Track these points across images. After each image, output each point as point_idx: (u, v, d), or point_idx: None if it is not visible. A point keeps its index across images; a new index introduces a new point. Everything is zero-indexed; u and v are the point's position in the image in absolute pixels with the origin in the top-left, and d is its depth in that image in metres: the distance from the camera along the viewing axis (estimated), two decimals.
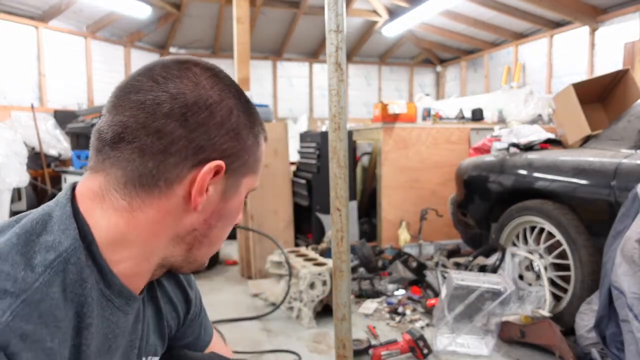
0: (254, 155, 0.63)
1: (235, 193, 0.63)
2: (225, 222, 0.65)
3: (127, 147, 0.56)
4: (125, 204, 0.57)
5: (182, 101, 0.56)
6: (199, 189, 0.58)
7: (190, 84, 0.58)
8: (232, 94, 0.61)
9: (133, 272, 0.59)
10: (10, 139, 3.58)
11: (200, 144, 0.57)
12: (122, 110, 0.56)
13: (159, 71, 0.58)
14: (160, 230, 0.59)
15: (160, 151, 0.56)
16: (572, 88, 2.62)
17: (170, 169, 0.56)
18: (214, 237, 0.65)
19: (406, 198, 3.71)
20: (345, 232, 1.49)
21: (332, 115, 1.45)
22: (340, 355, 1.56)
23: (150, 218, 0.57)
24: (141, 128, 0.55)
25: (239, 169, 0.62)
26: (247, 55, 3.60)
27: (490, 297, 2.05)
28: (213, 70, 0.62)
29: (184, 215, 0.60)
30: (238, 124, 0.60)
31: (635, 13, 5.36)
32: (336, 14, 1.40)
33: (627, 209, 1.72)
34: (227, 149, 0.59)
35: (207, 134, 0.57)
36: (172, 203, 0.58)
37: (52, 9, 5.85)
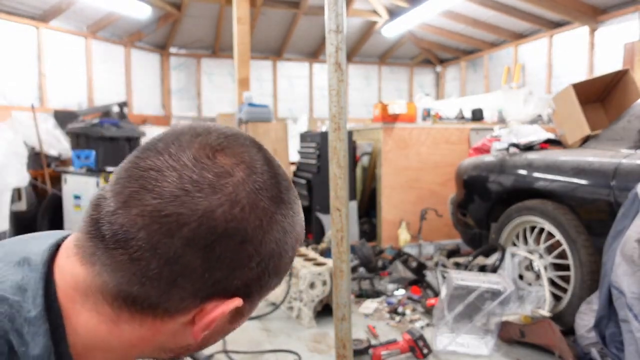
0: (283, 274, 0.53)
1: (248, 313, 0.54)
2: (225, 333, 0.56)
3: (128, 263, 0.44)
4: (112, 314, 0.47)
5: (211, 227, 0.44)
6: (205, 326, 0.49)
7: (226, 201, 0.44)
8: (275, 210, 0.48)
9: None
10: (10, 139, 3.58)
11: (218, 277, 0.46)
12: (132, 209, 0.44)
13: (189, 172, 0.44)
14: (147, 345, 0.50)
15: (168, 282, 0.45)
16: (572, 88, 2.62)
17: (174, 300, 0.46)
18: (205, 345, 0.56)
19: (406, 198, 3.71)
20: (345, 232, 1.49)
21: (332, 115, 1.45)
22: (340, 355, 1.56)
23: (138, 334, 0.48)
24: (152, 250, 0.44)
25: (261, 294, 0.52)
26: (247, 55, 3.61)
27: (490, 297, 2.05)
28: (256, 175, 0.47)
29: (181, 337, 0.51)
30: (273, 254, 0.48)
31: (634, 13, 5.37)
32: (336, 14, 1.40)
33: (627, 209, 1.72)
34: (251, 282, 0.48)
35: (230, 266, 0.46)
36: (169, 328, 0.49)
37: (52, 9, 5.86)
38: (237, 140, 0.49)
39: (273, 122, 3.29)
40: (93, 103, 6.59)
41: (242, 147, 0.49)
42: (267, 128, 3.24)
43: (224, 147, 0.47)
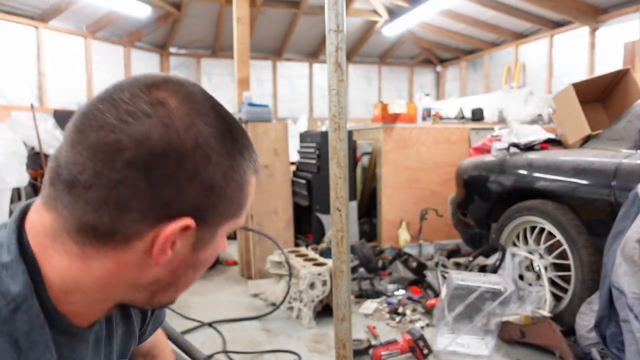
0: (236, 201, 0.55)
1: (210, 243, 0.56)
2: (197, 269, 0.58)
3: (82, 194, 0.48)
4: (79, 250, 0.50)
5: (147, 149, 0.47)
6: (161, 249, 0.51)
7: (160, 126, 0.48)
8: (213, 135, 0.51)
9: (82, 312, 0.55)
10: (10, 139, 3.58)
11: (166, 199, 0.49)
12: (80, 148, 0.48)
13: (125, 104, 0.49)
14: (116, 280, 0.53)
15: (118, 206, 0.48)
16: (572, 88, 2.62)
17: (128, 225, 0.49)
18: (181, 284, 0.58)
19: (406, 198, 3.71)
20: (345, 232, 1.49)
21: (332, 115, 1.44)
22: (340, 355, 1.56)
23: (105, 268, 0.51)
24: (98, 176, 0.47)
25: (214, 220, 0.54)
26: (247, 55, 3.60)
27: (491, 297, 2.05)
28: (193, 103, 0.51)
29: (145, 268, 0.53)
30: (215, 174, 0.51)
31: (635, 13, 5.36)
32: (336, 13, 1.40)
33: (628, 209, 1.72)
34: (200, 203, 0.51)
35: (175, 188, 0.49)
36: (131, 256, 0.51)
37: (52, 9, 5.85)
38: (178, 80, 0.53)
39: (273, 122, 3.29)
40: None
41: (180, 83, 0.53)
42: (267, 128, 3.23)
43: (160, 83, 0.52)
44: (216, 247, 0.58)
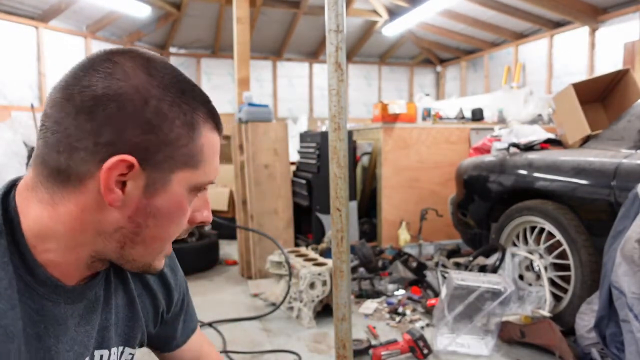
0: (185, 149, 0.58)
1: (163, 189, 0.58)
2: (161, 221, 0.60)
3: (48, 141, 0.55)
4: (49, 197, 0.57)
5: (90, 94, 0.54)
6: (105, 185, 0.54)
7: (103, 75, 0.54)
8: (156, 82, 0.56)
9: (59, 262, 0.58)
10: (10, 138, 3.58)
11: (108, 138, 0.54)
12: (49, 104, 0.57)
13: (83, 65, 0.56)
14: (81, 225, 0.57)
15: (70, 146, 0.54)
16: (572, 88, 2.62)
17: (79, 164, 0.54)
18: (147, 236, 0.60)
19: (406, 198, 3.71)
20: (345, 232, 1.49)
21: (332, 115, 1.45)
22: (340, 355, 1.56)
23: (71, 212, 0.56)
24: (57, 123, 0.55)
25: (162, 164, 0.57)
26: (247, 55, 3.60)
27: (490, 297, 2.05)
28: (141, 59, 0.57)
29: (103, 211, 0.57)
30: (156, 115, 0.55)
31: (635, 13, 5.36)
32: (336, 13, 1.40)
33: (627, 209, 1.72)
34: (140, 142, 0.55)
35: (115, 127, 0.54)
36: (88, 199, 0.56)
37: (52, 9, 5.86)
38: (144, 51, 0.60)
39: (273, 122, 3.29)
40: None
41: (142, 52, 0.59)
42: (267, 128, 3.23)
43: (123, 50, 0.58)
44: (173, 197, 0.59)
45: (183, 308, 0.87)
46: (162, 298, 0.80)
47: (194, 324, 0.92)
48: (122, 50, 0.58)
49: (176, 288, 0.83)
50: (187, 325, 0.89)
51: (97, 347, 0.67)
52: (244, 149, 3.29)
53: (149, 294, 0.77)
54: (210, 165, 0.62)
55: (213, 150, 0.62)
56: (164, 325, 0.84)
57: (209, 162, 0.61)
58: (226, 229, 3.94)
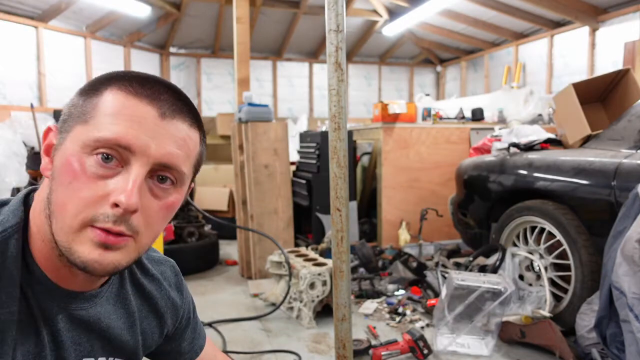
0: (79, 107, 0.60)
1: (60, 149, 0.59)
2: (57, 182, 0.58)
3: None
4: None
5: None
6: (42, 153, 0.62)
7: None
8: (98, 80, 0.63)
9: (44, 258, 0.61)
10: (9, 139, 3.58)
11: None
12: None
13: None
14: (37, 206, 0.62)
15: None
16: (572, 88, 2.62)
17: None
18: (53, 202, 0.58)
19: (406, 198, 3.71)
20: (345, 232, 1.49)
21: (332, 115, 1.44)
22: (340, 355, 1.56)
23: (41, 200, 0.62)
24: None
25: (65, 126, 0.60)
26: (247, 55, 3.60)
27: (491, 297, 2.05)
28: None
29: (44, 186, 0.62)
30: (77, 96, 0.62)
31: (635, 13, 5.36)
32: (336, 13, 1.39)
33: (628, 209, 1.71)
34: (62, 114, 0.62)
35: None
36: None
37: (51, 9, 5.85)
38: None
39: (273, 122, 3.28)
40: None
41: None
42: (267, 128, 3.23)
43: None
44: (63, 154, 0.59)
45: (189, 325, 0.89)
46: (170, 319, 0.82)
47: (201, 341, 0.93)
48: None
49: (182, 307, 0.85)
50: (195, 343, 0.91)
51: (86, 355, 0.68)
52: (243, 149, 3.29)
53: (156, 316, 0.79)
54: (103, 121, 0.58)
55: (113, 109, 0.58)
56: (167, 342, 0.86)
57: (102, 118, 0.58)
58: (226, 229, 3.93)
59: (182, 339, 0.88)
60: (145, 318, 0.77)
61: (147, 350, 0.81)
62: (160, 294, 0.79)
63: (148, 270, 0.79)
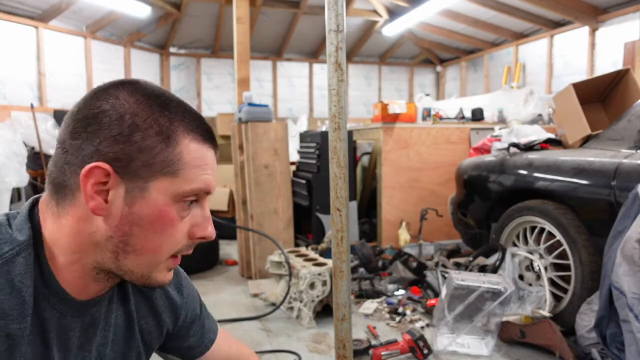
0: (158, 155, 0.60)
1: (142, 197, 0.61)
2: (146, 230, 0.62)
3: (54, 159, 0.63)
4: (56, 210, 0.63)
5: (78, 117, 0.61)
6: (85, 193, 0.59)
7: (95, 100, 0.62)
8: (134, 99, 0.61)
9: (67, 274, 0.63)
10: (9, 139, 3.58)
11: (88, 151, 0.59)
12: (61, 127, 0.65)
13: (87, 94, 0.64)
14: (78, 235, 0.62)
15: (65, 162, 0.61)
16: (572, 88, 2.62)
17: (69, 177, 0.61)
18: (137, 245, 0.62)
19: (406, 198, 3.71)
20: (345, 232, 1.49)
21: (332, 115, 1.44)
22: (340, 355, 1.56)
23: (68, 224, 0.62)
24: (59, 142, 0.63)
25: (138, 172, 0.60)
26: (247, 55, 3.60)
27: (491, 297, 2.05)
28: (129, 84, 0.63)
29: (93, 221, 0.61)
30: (129, 127, 0.59)
31: (635, 13, 5.36)
32: (336, 13, 1.40)
33: (628, 209, 1.71)
34: (115, 152, 0.59)
35: (94, 141, 0.59)
36: (80, 210, 0.61)
37: (51, 9, 5.85)
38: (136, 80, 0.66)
39: (273, 122, 3.28)
40: None
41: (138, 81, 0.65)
42: (267, 128, 3.23)
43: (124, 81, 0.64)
44: (153, 204, 0.61)
45: (195, 322, 0.90)
46: (168, 318, 0.83)
47: (212, 335, 0.94)
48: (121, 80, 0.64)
49: (183, 306, 0.85)
50: (205, 337, 0.92)
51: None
52: (243, 149, 3.29)
53: (153, 315, 0.80)
54: (192, 173, 0.63)
55: (197, 160, 0.63)
56: (173, 339, 0.87)
57: (191, 170, 0.63)
58: (226, 229, 3.93)
59: (188, 336, 0.89)
60: (143, 317, 0.79)
61: (149, 349, 0.82)
62: (157, 293, 0.81)
63: None
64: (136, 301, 0.77)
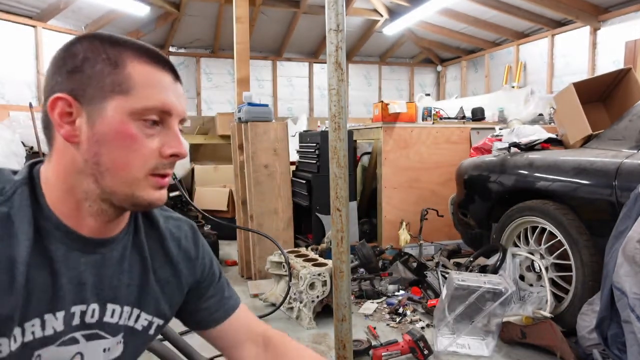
0: (108, 77, 0.67)
1: (100, 117, 0.67)
2: (111, 147, 0.68)
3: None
4: (49, 153, 0.71)
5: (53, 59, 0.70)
6: (55, 123, 0.68)
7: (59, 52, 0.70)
8: (88, 39, 0.69)
9: (64, 209, 0.69)
10: (8, 138, 3.57)
11: (50, 87, 0.68)
12: None
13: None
14: (62, 168, 0.69)
15: (44, 100, 0.69)
16: (573, 87, 2.61)
17: (45, 117, 0.69)
18: (108, 163, 0.68)
19: (406, 198, 3.70)
20: (346, 232, 1.48)
21: (332, 115, 1.44)
22: (340, 355, 1.55)
23: (55, 161, 0.70)
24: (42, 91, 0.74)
25: (94, 96, 0.67)
26: (246, 55, 3.59)
27: (491, 297, 2.04)
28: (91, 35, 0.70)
29: (70, 150, 0.68)
30: (82, 60, 0.67)
31: (636, 12, 5.35)
32: (336, 13, 1.39)
33: (629, 209, 1.70)
34: (71, 83, 0.67)
35: (55, 78, 0.68)
36: (58, 143, 0.69)
37: (50, 8, 5.84)
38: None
39: (273, 122, 3.27)
40: None
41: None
42: (267, 128, 3.22)
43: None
44: (112, 122, 0.67)
45: (213, 282, 0.91)
46: (185, 269, 0.85)
47: (233, 302, 0.94)
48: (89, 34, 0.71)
49: (199, 258, 0.88)
50: (225, 302, 0.92)
51: (110, 301, 0.74)
52: (243, 149, 3.28)
53: (170, 265, 0.83)
54: (146, 92, 0.68)
55: (149, 80, 0.69)
56: (192, 297, 0.88)
57: (144, 89, 0.68)
58: (226, 229, 3.92)
59: (207, 296, 0.90)
60: (160, 267, 0.82)
61: (171, 302, 0.83)
62: (172, 243, 0.84)
63: (163, 221, 0.85)
64: (150, 249, 0.81)
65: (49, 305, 0.66)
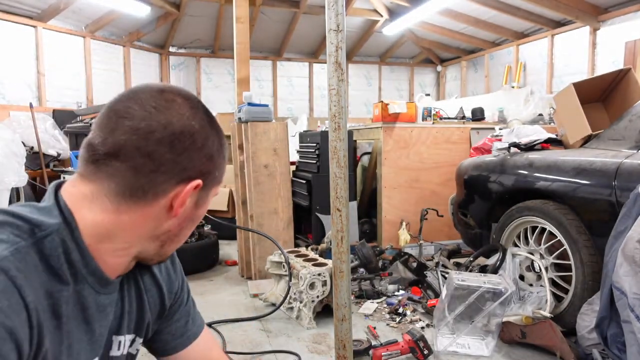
0: (221, 170, 0.76)
1: (205, 202, 0.75)
2: (194, 224, 0.77)
3: (122, 165, 0.65)
4: (113, 208, 0.67)
5: (170, 130, 0.67)
6: (181, 202, 0.70)
7: (177, 115, 0.68)
8: (207, 123, 0.72)
9: (113, 262, 0.71)
10: (8, 138, 3.56)
11: (184, 165, 0.68)
12: (116, 132, 0.66)
13: (147, 101, 0.68)
14: (141, 230, 0.70)
15: (152, 171, 0.66)
16: (573, 87, 2.61)
17: (158, 185, 0.68)
18: (182, 236, 0.77)
19: (406, 198, 3.70)
20: (345, 232, 1.48)
21: (332, 115, 1.44)
22: (340, 355, 1.55)
23: (134, 220, 0.69)
24: (136, 150, 0.65)
25: (210, 184, 0.74)
26: (246, 55, 3.59)
27: (491, 297, 2.04)
28: (192, 101, 0.72)
29: (164, 220, 0.71)
30: (212, 149, 0.72)
31: (636, 12, 5.35)
32: (336, 13, 1.39)
33: (629, 209, 1.71)
34: (204, 169, 0.71)
35: (189, 157, 0.69)
36: (155, 211, 0.69)
37: (50, 9, 5.85)
38: (174, 87, 0.74)
39: (273, 122, 3.27)
40: (92, 103, 6.57)
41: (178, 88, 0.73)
42: (267, 128, 3.22)
43: (166, 87, 0.72)
44: (207, 206, 0.77)
45: (182, 306, 0.92)
46: (166, 289, 0.88)
47: (196, 329, 0.95)
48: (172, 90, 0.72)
49: (177, 280, 0.91)
50: (188, 329, 0.93)
51: (115, 333, 0.78)
52: (243, 149, 3.28)
53: (156, 287, 0.86)
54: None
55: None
56: (164, 319, 0.90)
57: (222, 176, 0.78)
58: (226, 229, 3.93)
59: (173, 320, 0.91)
60: (149, 290, 0.84)
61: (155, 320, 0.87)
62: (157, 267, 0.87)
63: None
64: (141, 274, 0.84)
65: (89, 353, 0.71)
